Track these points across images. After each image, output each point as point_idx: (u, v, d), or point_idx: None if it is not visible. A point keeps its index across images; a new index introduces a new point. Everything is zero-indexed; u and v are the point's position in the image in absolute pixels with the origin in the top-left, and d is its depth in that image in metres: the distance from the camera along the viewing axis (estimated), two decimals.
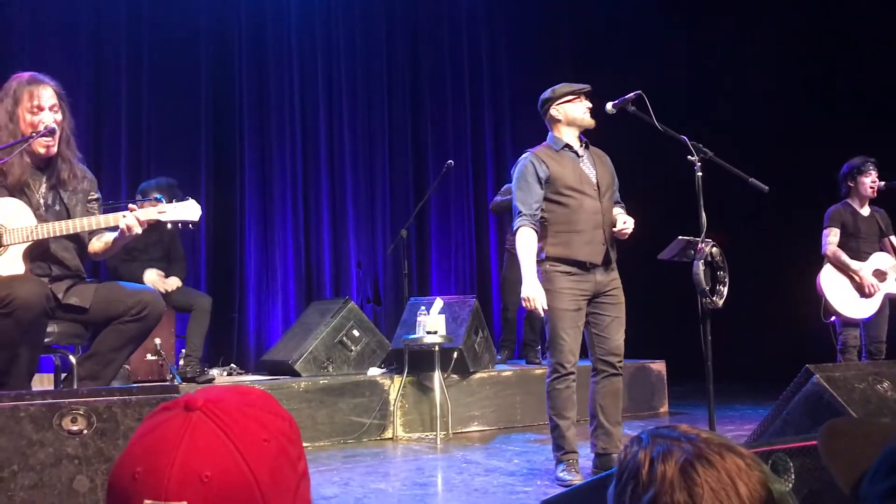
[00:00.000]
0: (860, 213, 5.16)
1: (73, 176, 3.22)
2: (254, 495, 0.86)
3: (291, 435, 0.94)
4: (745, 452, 0.96)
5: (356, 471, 4.17)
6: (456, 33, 8.71)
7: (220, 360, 6.21)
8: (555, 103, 3.79)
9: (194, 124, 7.21)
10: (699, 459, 0.93)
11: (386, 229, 8.07)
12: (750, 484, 0.92)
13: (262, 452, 0.89)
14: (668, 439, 0.99)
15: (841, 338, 5.09)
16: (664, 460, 0.95)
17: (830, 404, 2.71)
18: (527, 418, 5.69)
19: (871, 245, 5.12)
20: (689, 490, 0.91)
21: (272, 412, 0.94)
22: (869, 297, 4.99)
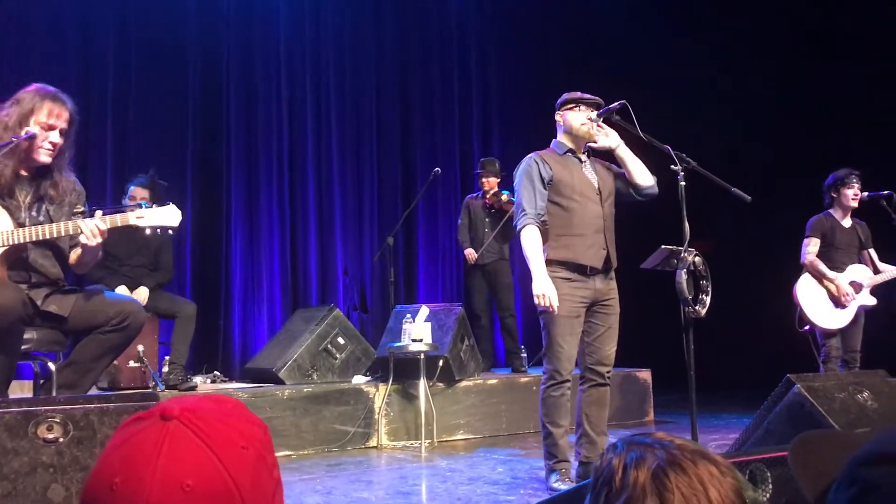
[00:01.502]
0: (841, 225, 5.22)
1: (61, 190, 3.20)
2: (235, 502, 0.86)
3: (266, 442, 0.94)
4: (719, 460, 0.97)
5: (339, 479, 4.15)
6: (445, 39, 8.73)
7: (204, 368, 6.17)
8: (559, 109, 3.83)
9: (180, 128, 7.18)
10: (671, 465, 0.93)
11: (373, 236, 8.06)
12: (722, 490, 0.92)
13: (242, 460, 0.88)
14: (642, 446, 1.00)
15: (824, 349, 5.14)
16: (637, 466, 0.95)
17: (811, 414, 2.73)
18: (512, 427, 5.69)
19: (850, 257, 5.19)
20: (661, 495, 0.91)
21: (247, 420, 0.94)
22: (843, 308, 5.06)
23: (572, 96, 3.80)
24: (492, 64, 8.92)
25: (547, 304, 3.51)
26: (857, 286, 5.11)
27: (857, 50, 7.70)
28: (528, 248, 3.62)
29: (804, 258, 5.18)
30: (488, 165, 6.70)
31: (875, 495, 0.84)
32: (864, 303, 5.12)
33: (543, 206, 3.68)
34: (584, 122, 3.72)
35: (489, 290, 6.65)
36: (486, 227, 6.58)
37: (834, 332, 5.08)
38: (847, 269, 5.16)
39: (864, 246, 5.24)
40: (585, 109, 3.75)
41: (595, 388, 3.75)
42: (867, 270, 5.19)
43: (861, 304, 5.11)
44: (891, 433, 0.93)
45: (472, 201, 6.76)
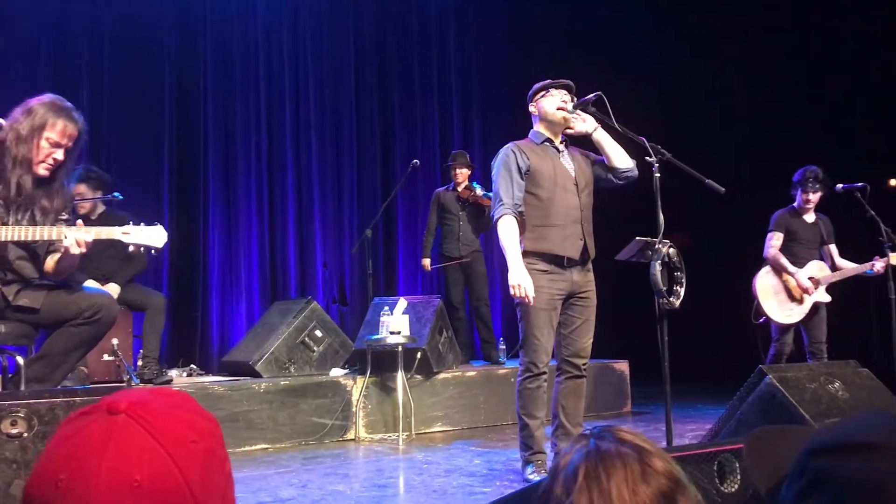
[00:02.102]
0: (805, 220, 5.32)
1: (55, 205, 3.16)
2: (186, 498, 0.84)
3: (217, 436, 0.92)
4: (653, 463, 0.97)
5: (315, 472, 4.14)
6: (425, 31, 8.69)
7: (180, 361, 6.13)
8: (532, 100, 3.81)
9: (157, 119, 7.12)
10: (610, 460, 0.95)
11: (353, 229, 8.03)
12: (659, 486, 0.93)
13: (192, 454, 0.87)
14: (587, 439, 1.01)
15: (776, 345, 5.24)
16: (578, 460, 0.97)
17: (783, 404, 2.75)
18: (490, 418, 5.70)
19: (812, 252, 5.29)
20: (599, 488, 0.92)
21: (197, 413, 0.92)
22: (799, 304, 5.15)
23: (541, 84, 3.79)
24: (472, 56, 8.90)
25: (522, 295, 3.49)
26: (815, 282, 5.20)
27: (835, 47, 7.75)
28: (504, 239, 3.60)
29: (767, 252, 5.27)
30: (459, 157, 6.69)
31: (824, 487, 0.84)
32: (819, 299, 5.21)
33: (521, 196, 3.66)
34: (559, 106, 3.71)
35: (465, 281, 6.64)
36: (460, 221, 6.55)
37: (788, 326, 5.19)
38: (807, 265, 5.25)
39: (826, 241, 5.34)
40: (557, 93, 3.74)
41: (571, 379, 3.75)
42: (825, 267, 5.28)
43: (816, 301, 5.20)
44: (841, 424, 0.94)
45: (444, 194, 6.73)
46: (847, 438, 0.85)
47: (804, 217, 5.32)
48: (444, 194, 6.72)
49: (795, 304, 5.17)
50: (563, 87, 3.76)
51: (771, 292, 5.21)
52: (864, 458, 0.81)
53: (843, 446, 0.85)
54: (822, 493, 0.83)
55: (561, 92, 3.75)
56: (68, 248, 2.96)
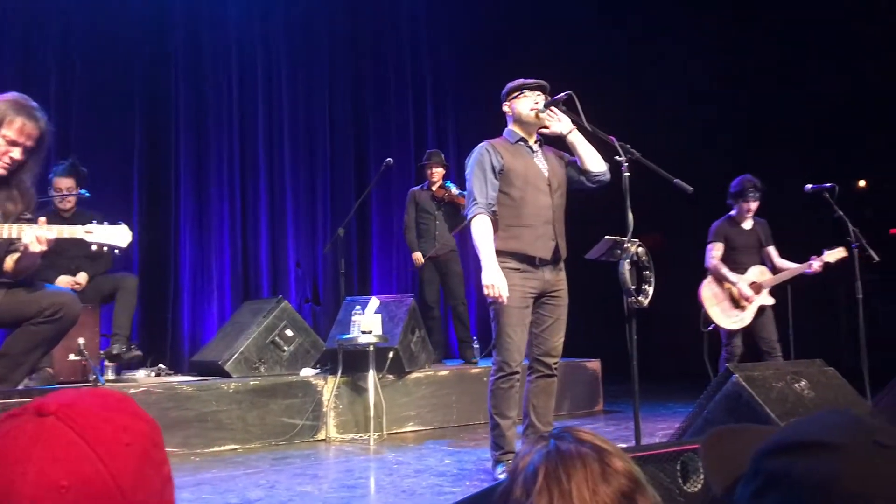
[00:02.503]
0: (742, 227, 5.46)
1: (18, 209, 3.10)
2: (116, 503, 0.81)
3: (154, 437, 0.89)
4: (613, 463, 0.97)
5: (284, 473, 4.10)
6: (398, 29, 8.66)
7: (149, 361, 6.04)
8: (505, 100, 3.80)
9: (127, 116, 7.02)
10: (570, 461, 0.94)
11: (326, 228, 7.98)
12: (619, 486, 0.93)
13: (125, 457, 0.84)
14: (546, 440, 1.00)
15: (727, 349, 5.36)
16: (538, 461, 0.96)
17: (749, 403, 2.76)
18: (463, 418, 5.68)
19: (752, 257, 5.43)
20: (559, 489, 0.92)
21: (133, 414, 0.89)
22: (743, 310, 5.29)
23: (515, 84, 3.78)
24: (445, 55, 8.88)
25: (496, 295, 3.48)
26: (757, 286, 5.34)
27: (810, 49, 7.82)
28: (478, 238, 3.58)
29: (708, 262, 5.42)
30: (434, 157, 6.67)
31: (778, 486, 0.83)
32: (762, 303, 5.34)
33: (494, 195, 3.65)
34: (532, 107, 3.70)
35: (441, 280, 6.62)
36: (436, 220, 6.53)
37: (736, 331, 5.32)
38: (748, 271, 5.37)
39: (765, 244, 5.48)
40: (530, 94, 3.73)
41: (542, 378, 3.74)
42: (766, 271, 5.41)
43: (760, 304, 5.33)
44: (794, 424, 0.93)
45: (419, 193, 6.69)
46: (800, 438, 0.85)
47: (742, 225, 5.45)
48: (419, 193, 6.69)
49: (739, 310, 5.31)
50: (536, 87, 3.76)
51: (715, 301, 5.35)
52: (816, 457, 0.81)
53: (796, 446, 0.84)
54: (775, 493, 0.83)
55: (535, 93, 3.75)
56: (28, 246, 2.91)
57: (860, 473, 0.78)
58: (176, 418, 4.71)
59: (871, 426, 0.83)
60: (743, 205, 5.37)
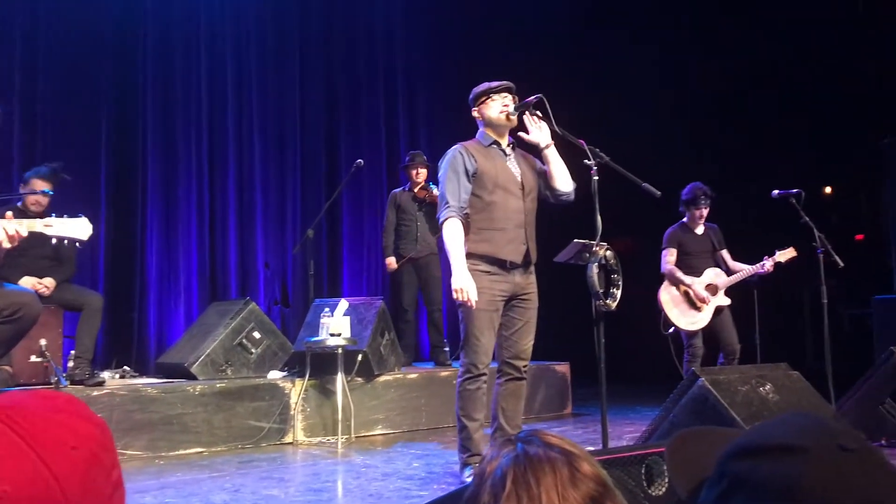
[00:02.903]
0: (695, 233, 5.61)
1: None
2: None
3: (104, 441, 0.86)
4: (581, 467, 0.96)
5: (250, 477, 4.05)
6: (371, 29, 8.62)
7: (114, 363, 5.96)
8: (475, 105, 3.79)
9: (93, 115, 6.90)
10: (539, 465, 0.93)
11: (296, 229, 7.91)
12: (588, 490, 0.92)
13: (71, 461, 0.81)
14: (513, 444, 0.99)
15: (689, 350, 5.48)
16: (506, 466, 0.95)
17: (715, 407, 2.77)
18: (432, 421, 5.66)
19: (706, 261, 5.57)
20: (528, 494, 0.91)
21: (81, 416, 0.86)
22: (699, 311, 5.42)
23: (481, 89, 3.77)
24: (418, 55, 8.86)
25: (465, 299, 3.47)
26: (713, 288, 5.48)
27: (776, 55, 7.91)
28: (449, 242, 3.58)
29: (664, 267, 5.55)
30: (418, 158, 6.62)
31: (742, 489, 0.83)
32: (719, 303, 5.46)
33: (467, 198, 3.64)
34: (502, 110, 3.70)
35: (419, 283, 6.56)
36: (417, 221, 6.46)
37: (696, 332, 5.44)
38: (704, 274, 5.51)
39: (718, 248, 5.64)
40: (498, 97, 3.73)
41: (512, 381, 3.74)
42: (721, 273, 5.55)
43: (717, 305, 5.45)
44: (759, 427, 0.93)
45: (401, 194, 6.64)
46: (765, 441, 0.85)
47: (695, 231, 5.60)
48: (400, 195, 6.63)
49: (697, 311, 5.43)
50: (503, 90, 3.75)
51: (673, 303, 5.47)
52: (779, 459, 0.81)
53: (761, 449, 0.84)
54: (739, 496, 0.82)
55: (502, 95, 3.74)
56: None
57: (824, 477, 0.78)
58: (140, 421, 4.64)
59: (835, 430, 0.83)
60: (695, 211, 5.53)
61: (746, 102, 8.07)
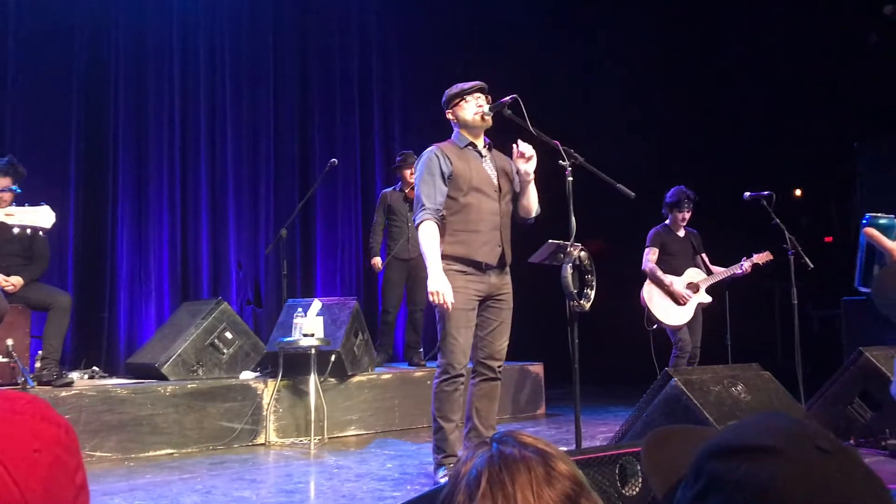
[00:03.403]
0: (677, 235, 5.75)
1: None
2: None
3: (68, 443, 0.84)
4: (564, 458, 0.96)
5: (222, 478, 4.01)
6: (345, 26, 8.57)
7: (83, 363, 5.87)
8: (448, 108, 3.78)
9: (64, 112, 6.79)
10: (514, 465, 0.93)
11: (269, 228, 7.84)
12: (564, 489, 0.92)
13: (33, 464, 0.79)
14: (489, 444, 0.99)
15: (677, 346, 5.59)
16: (481, 465, 0.95)
17: (687, 407, 2.79)
18: (405, 422, 5.64)
19: (686, 262, 5.72)
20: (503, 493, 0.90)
21: (44, 419, 0.84)
22: (682, 306, 5.54)
23: (454, 91, 3.77)
24: (393, 54, 8.82)
25: (441, 302, 3.47)
26: (694, 286, 5.62)
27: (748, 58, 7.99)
28: (425, 244, 3.57)
29: (645, 266, 5.67)
30: (409, 158, 6.52)
31: (719, 490, 0.83)
32: (701, 300, 5.60)
33: (442, 201, 3.64)
34: (476, 110, 3.69)
35: (406, 284, 6.50)
36: (408, 222, 6.35)
37: (681, 327, 5.56)
38: (685, 273, 5.65)
39: (698, 251, 5.80)
40: (471, 98, 3.72)
41: (486, 382, 3.73)
42: (702, 272, 5.71)
43: (699, 302, 5.60)
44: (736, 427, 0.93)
45: (391, 195, 6.57)
46: (743, 442, 0.85)
47: (677, 233, 5.73)
48: (391, 195, 6.57)
49: (680, 306, 5.55)
50: (476, 90, 3.75)
51: (658, 300, 5.57)
52: (756, 460, 0.81)
53: (737, 449, 0.84)
54: (716, 496, 0.82)
55: (475, 96, 3.74)
56: None
57: (800, 478, 0.78)
58: (109, 422, 4.58)
59: (812, 431, 0.84)
60: (678, 214, 5.67)
61: (719, 106, 8.14)
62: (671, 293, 5.55)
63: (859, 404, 4.35)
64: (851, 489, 0.78)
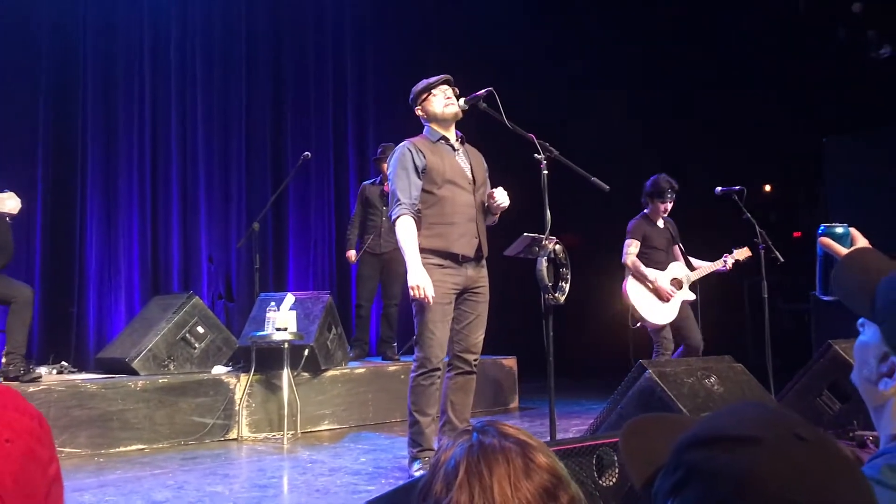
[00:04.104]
0: (658, 226, 5.52)
1: None
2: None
3: (40, 434, 0.82)
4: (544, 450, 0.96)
5: (193, 473, 3.97)
6: (320, 19, 8.51)
7: (51, 358, 5.78)
8: (417, 104, 3.77)
9: (31, 104, 6.66)
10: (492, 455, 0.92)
11: (241, 222, 7.77)
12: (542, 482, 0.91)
13: (5, 455, 0.77)
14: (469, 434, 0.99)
15: (657, 344, 5.41)
16: (459, 455, 0.95)
17: (661, 398, 2.80)
18: (379, 416, 5.63)
19: (666, 254, 5.51)
20: (480, 483, 0.90)
21: (16, 409, 0.81)
22: (666, 303, 5.34)
23: (420, 87, 3.77)
24: (367, 47, 8.78)
25: (422, 296, 3.47)
26: (678, 282, 5.43)
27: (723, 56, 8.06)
28: (403, 239, 3.57)
29: (625, 258, 5.42)
30: (389, 150, 6.49)
31: (698, 479, 0.83)
32: (685, 297, 5.43)
33: (417, 195, 3.63)
34: (446, 103, 3.69)
35: (380, 278, 6.47)
36: (383, 216, 6.31)
37: (662, 326, 5.35)
38: (668, 268, 5.46)
39: (675, 241, 5.58)
40: (439, 91, 3.71)
41: (462, 375, 3.73)
42: (684, 267, 5.52)
43: (683, 299, 5.42)
44: (715, 416, 0.93)
45: (370, 187, 6.52)
46: (720, 432, 0.85)
47: (657, 224, 5.52)
48: (369, 188, 6.52)
49: (665, 303, 5.35)
50: (442, 83, 3.74)
51: (641, 297, 5.35)
52: (735, 449, 0.81)
53: (716, 439, 0.84)
54: (696, 486, 0.83)
55: (442, 89, 3.73)
56: None
57: (780, 466, 0.78)
58: (79, 417, 4.51)
59: (790, 420, 0.84)
60: (659, 205, 5.43)
61: (690, 102, 8.20)
62: (655, 289, 5.35)
63: (828, 396, 4.40)
64: (830, 476, 0.78)
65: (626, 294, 5.38)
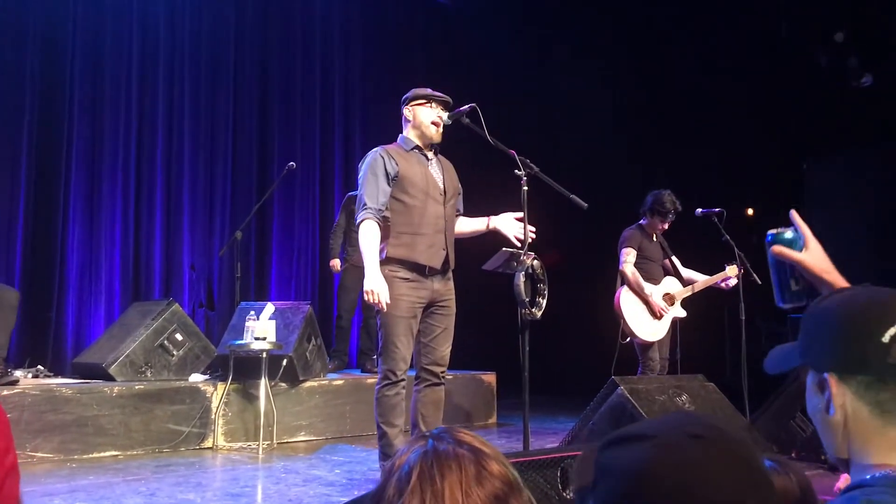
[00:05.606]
0: (651, 239, 5.49)
1: None
2: None
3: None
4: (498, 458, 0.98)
5: (166, 481, 3.95)
6: (308, 29, 8.54)
7: (27, 362, 5.74)
8: (409, 103, 3.79)
9: (16, 106, 6.64)
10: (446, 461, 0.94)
11: (224, 230, 7.76)
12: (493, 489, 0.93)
13: None
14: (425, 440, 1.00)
15: (645, 365, 5.30)
16: (413, 461, 0.96)
17: (633, 415, 2.83)
18: (357, 428, 5.62)
19: (658, 268, 5.46)
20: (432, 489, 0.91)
21: None
22: (659, 320, 5.30)
23: (423, 92, 3.78)
24: (355, 58, 8.82)
25: (376, 301, 3.48)
26: (670, 298, 5.39)
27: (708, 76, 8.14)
28: (364, 243, 3.58)
29: (623, 266, 5.33)
30: None
31: (606, 477, 0.89)
32: (676, 314, 5.41)
33: (385, 201, 3.64)
34: (434, 121, 3.72)
35: (361, 289, 6.44)
36: None
37: (652, 343, 5.28)
38: (662, 282, 5.43)
39: (667, 255, 5.55)
40: (436, 107, 3.74)
41: (430, 387, 3.74)
42: (678, 282, 5.48)
43: (674, 316, 5.39)
44: (635, 424, 0.98)
45: (354, 197, 6.54)
46: (626, 432, 0.92)
47: (651, 237, 5.49)
48: (354, 198, 6.53)
49: (657, 320, 5.30)
50: (442, 102, 3.77)
51: (634, 313, 5.27)
52: (633, 448, 0.88)
53: (620, 439, 0.91)
54: (604, 482, 0.89)
55: (440, 107, 3.76)
56: None
57: (671, 461, 0.84)
58: (52, 422, 4.49)
59: (687, 420, 0.90)
60: (658, 222, 5.39)
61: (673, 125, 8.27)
62: (648, 304, 5.26)
63: (801, 419, 4.45)
64: (725, 471, 0.84)
65: (618, 306, 5.29)
